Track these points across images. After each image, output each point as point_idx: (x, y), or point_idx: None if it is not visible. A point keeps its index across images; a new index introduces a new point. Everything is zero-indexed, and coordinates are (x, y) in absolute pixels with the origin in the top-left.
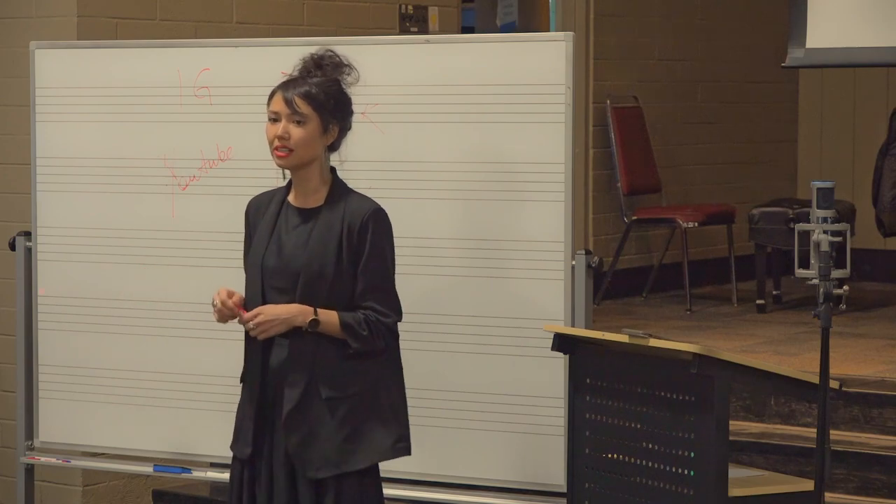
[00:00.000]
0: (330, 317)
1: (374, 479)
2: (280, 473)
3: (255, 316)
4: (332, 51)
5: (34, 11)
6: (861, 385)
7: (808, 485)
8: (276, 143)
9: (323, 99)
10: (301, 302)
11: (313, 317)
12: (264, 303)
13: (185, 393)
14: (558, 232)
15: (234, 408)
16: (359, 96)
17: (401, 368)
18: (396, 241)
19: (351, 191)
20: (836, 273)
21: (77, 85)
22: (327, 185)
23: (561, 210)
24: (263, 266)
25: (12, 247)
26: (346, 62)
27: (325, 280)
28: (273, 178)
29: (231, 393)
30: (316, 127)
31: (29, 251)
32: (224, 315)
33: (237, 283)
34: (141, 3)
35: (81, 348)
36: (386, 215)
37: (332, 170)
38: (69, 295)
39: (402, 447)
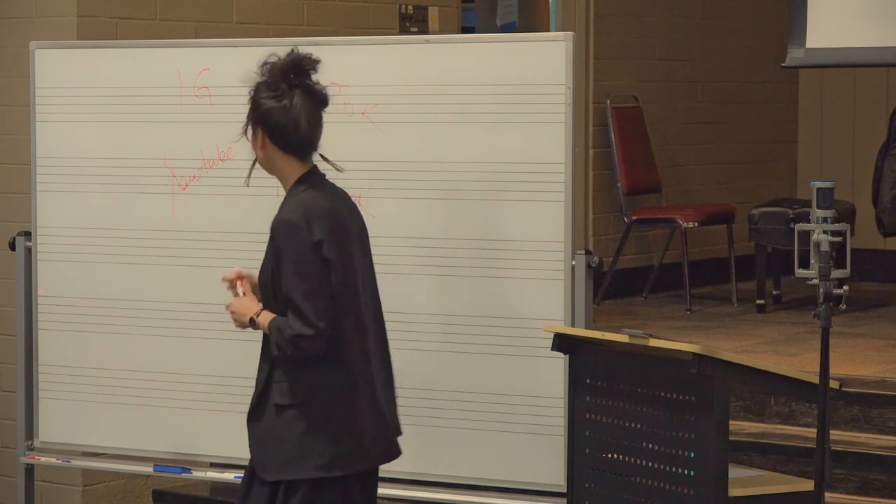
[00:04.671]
0: (266, 319)
1: (327, 490)
2: (249, 472)
3: (229, 306)
4: (275, 54)
5: (34, 11)
6: (861, 385)
7: (808, 485)
8: None
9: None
10: (263, 303)
11: (252, 316)
12: None
13: (185, 393)
14: (558, 232)
15: (234, 408)
16: (359, 96)
17: (349, 383)
18: (397, 241)
19: (291, 196)
20: (836, 273)
21: (77, 85)
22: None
23: (561, 210)
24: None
25: (12, 247)
26: (267, 60)
27: (268, 290)
28: (273, 178)
29: (231, 393)
30: (252, 139)
31: (29, 251)
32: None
33: None
34: (141, 3)
35: (81, 348)
36: (290, 226)
37: (310, 172)
38: (69, 295)
39: (327, 469)
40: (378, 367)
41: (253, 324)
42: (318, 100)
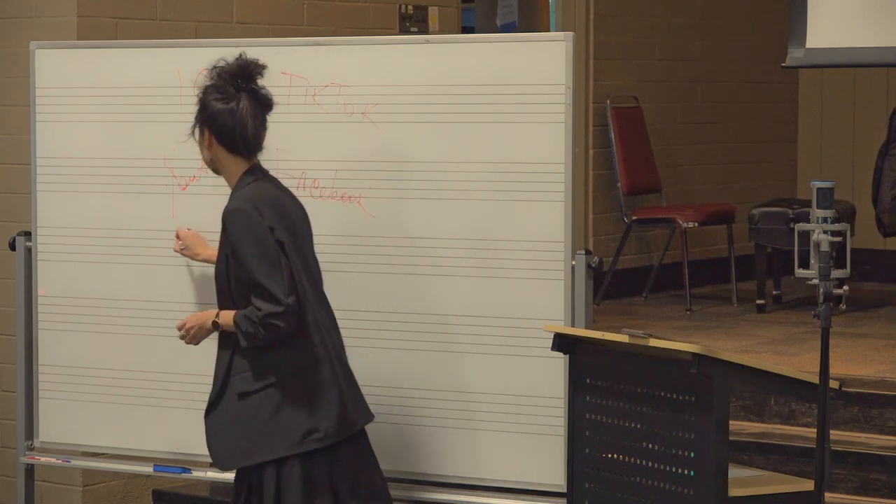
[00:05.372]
0: (227, 317)
1: (296, 468)
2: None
3: (184, 324)
4: (224, 59)
5: (34, 11)
6: (861, 385)
7: (808, 485)
8: None
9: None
10: (218, 303)
11: (213, 319)
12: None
13: (184, 393)
14: (558, 232)
15: None
16: (359, 96)
17: (318, 357)
18: (397, 241)
19: (238, 189)
20: (836, 273)
21: (77, 85)
22: None
23: (561, 210)
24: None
25: (12, 247)
26: (216, 65)
27: (222, 281)
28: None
29: None
30: (199, 140)
31: (29, 251)
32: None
33: None
34: (141, 3)
35: (81, 348)
36: (241, 213)
37: (254, 168)
38: (69, 295)
39: (314, 439)
40: (334, 347)
41: (216, 326)
42: (263, 103)
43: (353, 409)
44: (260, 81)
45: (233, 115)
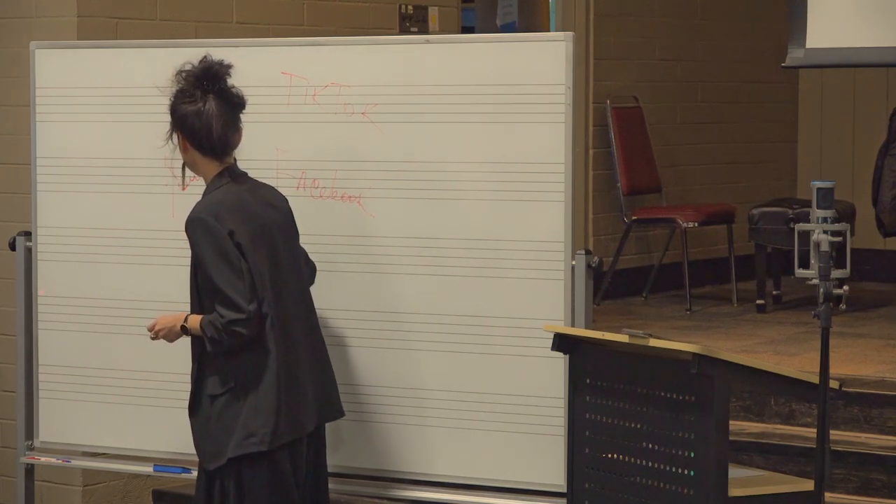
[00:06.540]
0: (195, 322)
1: (255, 465)
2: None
3: (154, 325)
4: (190, 62)
5: (34, 11)
6: (861, 385)
7: (808, 485)
8: None
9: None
10: (190, 305)
11: (182, 323)
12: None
13: (184, 393)
14: (558, 232)
15: None
16: (359, 96)
17: (268, 361)
18: (397, 241)
19: (206, 194)
20: (836, 273)
21: (77, 85)
22: None
23: (561, 210)
24: None
25: (12, 247)
26: (182, 69)
27: (192, 285)
28: (272, 178)
29: None
30: (176, 144)
31: (29, 251)
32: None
33: None
34: (141, 3)
35: (81, 348)
36: (200, 222)
37: (226, 170)
38: (69, 295)
39: (251, 442)
40: (305, 350)
41: (185, 330)
42: (234, 103)
43: (297, 413)
44: (230, 81)
45: (199, 117)
